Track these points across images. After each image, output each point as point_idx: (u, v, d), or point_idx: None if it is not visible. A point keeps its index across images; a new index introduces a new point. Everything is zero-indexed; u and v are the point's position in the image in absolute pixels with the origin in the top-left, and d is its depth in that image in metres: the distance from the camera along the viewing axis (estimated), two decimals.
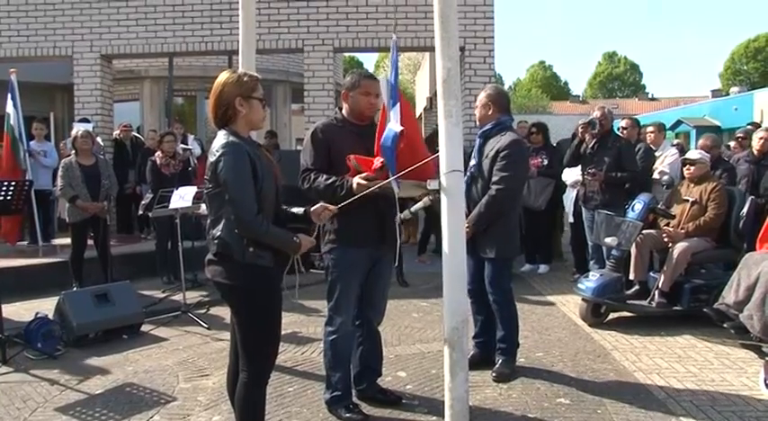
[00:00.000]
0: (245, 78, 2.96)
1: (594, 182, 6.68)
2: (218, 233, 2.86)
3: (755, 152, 6.99)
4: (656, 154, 7.29)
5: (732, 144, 9.20)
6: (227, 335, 5.20)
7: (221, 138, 2.89)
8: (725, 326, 5.17)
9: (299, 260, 3.05)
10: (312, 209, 3.13)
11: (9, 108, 8.81)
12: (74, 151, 7.04)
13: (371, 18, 9.72)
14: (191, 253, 6.79)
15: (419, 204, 3.43)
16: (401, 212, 3.48)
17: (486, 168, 4.30)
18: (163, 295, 6.97)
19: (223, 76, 2.96)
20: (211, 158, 2.86)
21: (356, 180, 3.40)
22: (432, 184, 3.14)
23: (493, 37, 9.93)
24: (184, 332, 5.80)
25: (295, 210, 3.15)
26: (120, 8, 10.14)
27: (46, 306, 5.79)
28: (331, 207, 3.15)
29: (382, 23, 9.62)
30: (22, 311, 6.08)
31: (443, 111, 2.99)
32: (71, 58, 10.25)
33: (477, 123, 4.56)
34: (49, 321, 5.29)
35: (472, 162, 4.38)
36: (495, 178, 4.24)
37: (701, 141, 7.40)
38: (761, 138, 7.01)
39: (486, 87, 4.67)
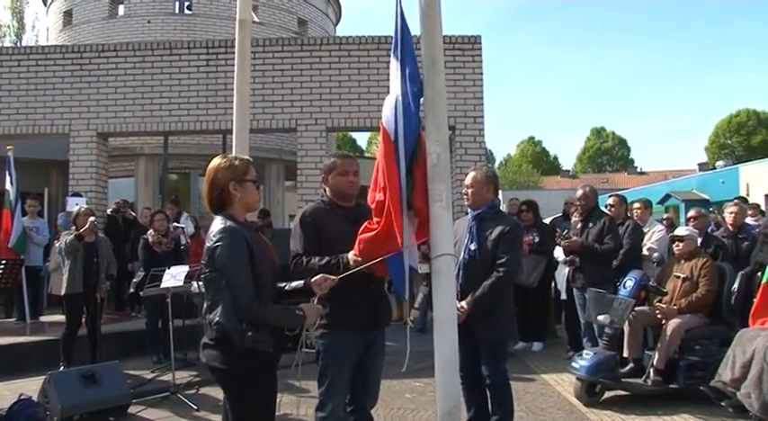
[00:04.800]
0: (237, 162, 3.00)
1: (570, 246, 6.70)
2: (216, 318, 2.84)
3: (730, 227, 7.07)
4: (644, 230, 7.35)
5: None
6: (217, 417, 5.09)
7: (218, 223, 2.91)
8: (723, 404, 5.12)
9: (301, 338, 3.04)
10: (313, 280, 3.14)
11: (8, 185, 8.91)
12: (74, 227, 7.02)
13: (363, 98, 9.98)
14: (181, 332, 6.72)
15: (420, 296, 3.43)
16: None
17: (489, 250, 4.27)
18: (152, 375, 6.84)
19: (215, 162, 3.00)
20: (209, 244, 2.88)
21: (351, 257, 3.40)
22: (423, 268, 3.16)
23: (483, 116, 10.19)
24: (173, 414, 5.67)
25: (294, 283, 3.16)
26: (118, 88, 10.39)
27: (31, 386, 5.68)
28: (331, 277, 3.15)
29: (374, 103, 9.81)
30: (5, 392, 5.95)
31: (433, 195, 3.03)
32: (68, 135, 10.41)
33: (470, 202, 4.49)
34: (32, 403, 5.16)
35: (472, 246, 4.33)
36: (501, 260, 4.21)
37: (689, 213, 7.49)
38: (731, 213, 7.13)
39: (478, 167, 4.71)
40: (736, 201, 8.14)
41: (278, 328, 2.96)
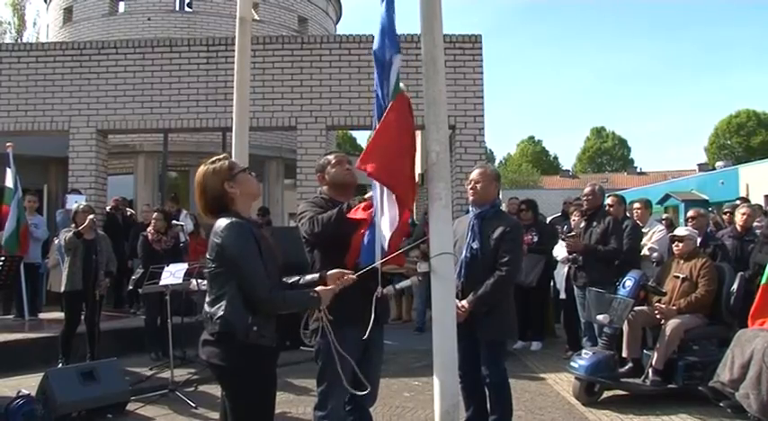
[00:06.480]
0: (218, 164, 3.00)
1: (573, 248, 6.70)
2: (221, 312, 2.82)
3: (739, 228, 7.07)
4: (644, 230, 7.35)
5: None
6: (215, 414, 5.10)
7: (224, 220, 2.90)
8: (721, 404, 5.12)
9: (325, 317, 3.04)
10: (329, 273, 3.12)
11: (9, 181, 8.86)
12: (73, 224, 7.00)
13: (364, 97, 9.95)
14: (180, 329, 6.71)
15: (405, 282, 3.40)
16: (383, 287, 3.45)
17: (491, 249, 4.28)
18: (150, 372, 6.84)
19: (200, 173, 3.00)
20: (216, 240, 2.86)
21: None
22: (422, 267, 3.14)
23: (483, 115, 10.18)
24: (171, 411, 5.67)
25: (309, 277, 3.17)
26: (118, 85, 10.39)
27: (30, 383, 5.66)
28: (347, 272, 3.12)
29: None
30: (4, 389, 5.93)
31: (432, 194, 3.02)
32: (68, 132, 10.41)
33: (475, 198, 4.44)
34: (30, 400, 5.14)
35: (474, 245, 4.34)
36: (504, 259, 4.23)
37: (689, 213, 7.48)
38: (743, 214, 7.10)
39: (480, 165, 4.73)
40: (746, 202, 8.12)
41: (279, 324, 2.96)
